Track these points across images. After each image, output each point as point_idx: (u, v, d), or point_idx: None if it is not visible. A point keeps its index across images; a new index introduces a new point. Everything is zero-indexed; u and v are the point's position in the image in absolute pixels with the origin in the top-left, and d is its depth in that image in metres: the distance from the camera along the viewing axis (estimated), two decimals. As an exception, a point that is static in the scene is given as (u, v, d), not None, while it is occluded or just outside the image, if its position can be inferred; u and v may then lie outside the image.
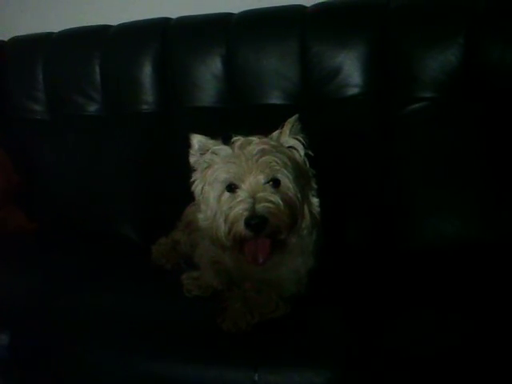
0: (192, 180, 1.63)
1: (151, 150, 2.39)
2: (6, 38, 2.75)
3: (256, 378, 1.39)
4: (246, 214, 1.45)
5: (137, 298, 1.71)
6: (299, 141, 1.59)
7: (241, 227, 1.46)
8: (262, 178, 1.49)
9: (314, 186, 1.62)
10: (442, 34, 2.08)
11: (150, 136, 2.42)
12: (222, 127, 1.61)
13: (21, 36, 2.72)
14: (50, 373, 1.64)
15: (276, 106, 2.24)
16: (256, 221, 1.44)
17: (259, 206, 1.45)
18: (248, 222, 1.44)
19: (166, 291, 1.71)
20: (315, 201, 1.61)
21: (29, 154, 2.56)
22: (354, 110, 2.16)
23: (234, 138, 1.57)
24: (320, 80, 2.20)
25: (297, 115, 1.61)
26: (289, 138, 1.59)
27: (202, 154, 1.60)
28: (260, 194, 1.46)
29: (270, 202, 1.46)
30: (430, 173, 2.02)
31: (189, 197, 1.66)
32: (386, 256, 1.92)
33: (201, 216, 1.61)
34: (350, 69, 2.16)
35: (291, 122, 1.59)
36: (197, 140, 1.60)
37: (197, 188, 1.62)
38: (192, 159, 1.62)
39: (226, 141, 1.59)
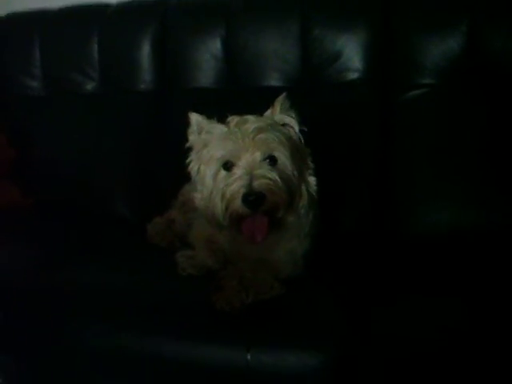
0: (188, 160, 1.62)
1: (148, 128, 2.37)
2: (2, 14, 2.70)
3: (249, 357, 1.38)
4: (243, 190, 1.44)
5: (131, 276, 1.69)
6: (293, 118, 1.58)
7: (238, 204, 1.45)
8: (258, 155, 1.48)
9: (311, 164, 1.61)
10: (445, 21, 2.08)
11: (147, 115, 2.40)
12: (220, 108, 1.59)
13: (18, 12, 2.67)
14: (43, 350, 1.64)
15: (275, 89, 2.20)
16: (253, 197, 1.43)
17: (256, 183, 1.44)
18: (245, 199, 1.43)
19: (160, 269, 1.70)
20: (312, 179, 1.59)
21: (25, 130, 2.52)
22: (353, 95, 2.14)
23: (230, 118, 1.56)
24: (320, 63, 2.19)
25: (285, 93, 1.60)
26: (281, 115, 1.58)
27: (199, 134, 1.59)
28: (257, 171, 1.45)
29: (268, 178, 1.45)
30: (428, 159, 2.01)
31: (185, 176, 1.65)
32: (382, 242, 1.92)
33: (197, 196, 1.61)
34: (350, 53, 2.15)
35: (280, 100, 1.59)
36: (195, 119, 1.60)
37: (193, 168, 1.61)
38: (191, 137, 1.61)
39: (222, 121, 1.58)
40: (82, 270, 1.77)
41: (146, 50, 2.42)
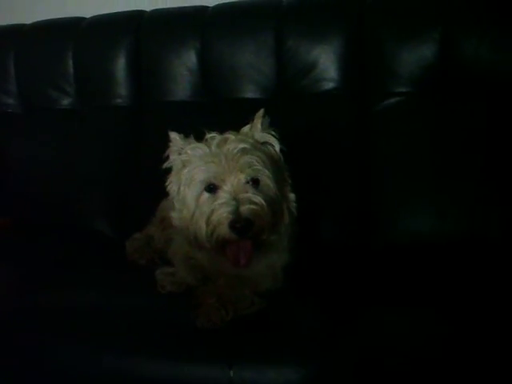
0: (168, 181, 1.61)
1: (125, 143, 2.36)
2: (-25, 30, 2.69)
3: (231, 374, 1.37)
4: (230, 216, 1.43)
5: (110, 295, 1.67)
6: (273, 136, 1.58)
7: (225, 230, 1.44)
8: (243, 178, 1.47)
9: (289, 181, 1.61)
10: (418, 29, 2.09)
11: (123, 130, 2.39)
12: (196, 121, 1.60)
13: (-9, 28, 2.66)
14: (23, 370, 1.60)
15: (251, 100, 2.22)
16: (241, 224, 1.42)
17: (244, 208, 1.43)
18: (233, 225, 1.42)
19: (139, 287, 1.68)
20: (292, 196, 1.60)
21: (0, 148, 2.51)
22: (329, 105, 2.15)
23: (209, 135, 1.55)
24: (295, 74, 2.20)
25: (263, 109, 1.59)
26: (262, 133, 1.57)
27: (178, 154, 1.58)
28: (243, 195, 1.45)
29: (254, 203, 1.44)
30: (405, 168, 2.01)
31: (163, 191, 1.64)
32: (361, 252, 1.92)
33: (175, 215, 1.60)
34: (325, 63, 2.16)
35: (260, 115, 1.58)
36: (175, 138, 1.59)
37: (172, 189, 1.60)
38: (171, 157, 1.60)
39: (199, 137, 1.57)
40: (59, 289, 1.74)
41: (121, 64, 2.42)
